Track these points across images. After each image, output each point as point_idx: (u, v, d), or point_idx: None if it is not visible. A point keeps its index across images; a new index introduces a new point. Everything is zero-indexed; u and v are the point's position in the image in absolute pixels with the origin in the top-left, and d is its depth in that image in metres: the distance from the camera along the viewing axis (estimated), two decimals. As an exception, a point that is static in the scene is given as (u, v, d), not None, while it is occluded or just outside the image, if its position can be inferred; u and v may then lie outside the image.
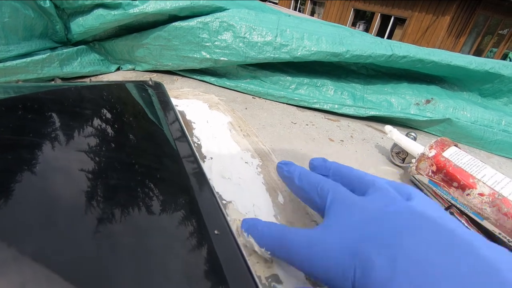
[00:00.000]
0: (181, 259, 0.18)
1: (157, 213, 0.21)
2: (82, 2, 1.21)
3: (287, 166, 0.24)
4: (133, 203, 0.22)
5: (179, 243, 0.19)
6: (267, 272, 0.25)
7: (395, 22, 6.26)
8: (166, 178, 0.27)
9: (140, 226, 0.20)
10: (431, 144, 0.85)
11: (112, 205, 0.20)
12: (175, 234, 0.20)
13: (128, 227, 0.19)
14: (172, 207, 0.23)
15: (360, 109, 1.35)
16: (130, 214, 0.20)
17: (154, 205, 0.22)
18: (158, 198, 0.23)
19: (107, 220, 0.19)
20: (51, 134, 0.25)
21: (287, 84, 1.44)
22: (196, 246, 0.20)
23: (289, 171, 0.23)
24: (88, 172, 0.22)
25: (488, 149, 1.28)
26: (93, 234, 0.17)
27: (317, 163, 0.24)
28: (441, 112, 1.31)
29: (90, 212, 0.19)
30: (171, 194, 0.25)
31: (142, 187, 0.24)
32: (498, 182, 0.73)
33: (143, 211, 0.21)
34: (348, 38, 1.33)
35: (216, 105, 0.82)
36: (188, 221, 0.22)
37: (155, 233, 0.19)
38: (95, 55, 1.37)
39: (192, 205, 0.23)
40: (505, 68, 1.35)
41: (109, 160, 0.25)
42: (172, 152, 0.31)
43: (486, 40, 6.14)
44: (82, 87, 0.47)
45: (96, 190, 0.21)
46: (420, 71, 1.41)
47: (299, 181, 0.22)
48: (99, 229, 0.18)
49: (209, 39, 1.33)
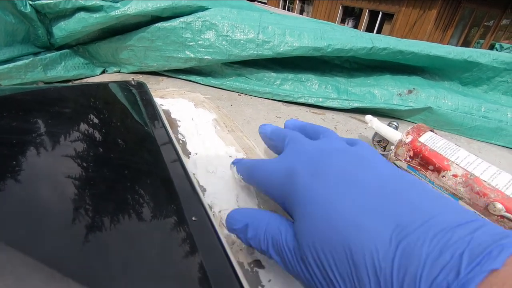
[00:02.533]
0: (158, 245, 0.19)
1: (135, 202, 0.22)
2: (63, 6, 1.22)
3: (264, 126, 0.29)
4: (110, 193, 0.22)
5: (156, 230, 0.20)
6: (250, 258, 0.26)
7: (383, 18, 6.33)
8: (144, 170, 0.28)
9: (118, 215, 0.20)
10: (408, 130, 0.88)
11: (90, 197, 0.21)
12: (152, 221, 0.21)
13: (105, 216, 0.20)
14: (150, 196, 0.23)
15: (344, 102, 1.37)
16: (108, 203, 0.21)
17: (132, 195, 0.23)
18: (136, 189, 0.24)
19: (88, 212, 0.20)
20: (29, 135, 0.26)
21: (272, 80, 1.46)
22: (174, 232, 0.20)
23: (265, 128, 0.28)
24: (68, 169, 0.23)
25: (469, 135, 1.31)
26: (72, 224, 0.18)
27: (289, 123, 0.29)
28: (423, 101, 1.34)
29: (70, 205, 0.19)
30: (149, 184, 0.25)
31: (121, 179, 0.25)
32: (471, 163, 0.76)
33: (122, 201, 0.22)
34: (329, 33, 1.35)
35: (202, 103, 0.84)
36: (166, 209, 0.23)
37: (133, 220, 0.20)
38: (79, 58, 1.37)
39: (170, 193, 0.24)
40: (483, 57, 1.39)
41: (90, 157, 0.26)
42: (152, 147, 0.32)
43: (472, 32, 6.23)
44: (62, 88, 0.48)
45: (76, 187, 0.21)
46: (401, 62, 1.43)
47: (270, 134, 0.27)
48: (79, 220, 0.18)
49: (192, 38, 1.35)
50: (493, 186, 0.70)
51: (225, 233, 0.29)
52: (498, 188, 0.70)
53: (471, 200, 0.74)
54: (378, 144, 1.05)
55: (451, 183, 0.77)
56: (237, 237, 0.22)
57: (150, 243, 0.19)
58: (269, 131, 0.28)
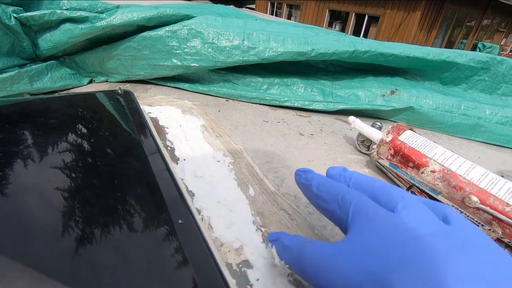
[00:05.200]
0: (142, 247, 0.19)
1: (121, 206, 0.23)
2: (48, 18, 1.23)
3: (305, 174, 0.22)
4: (97, 199, 0.23)
5: (142, 233, 0.20)
6: (238, 259, 0.27)
7: (369, 21, 6.46)
8: (133, 176, 0.29)
9: (107, 218, 0.21)
10: (388, 129, 0.91)
11: (78, 203, 0.21)
12: (138, 224, 0.21)
13: (92, 219, 0.20)
14: (138, 201, 0.24)
15: (329, 104, 1.41)
16: (94, 208, 0.22)
17: (120, 200, 0.24)
18: (125, 195, 0.25)
19: (76, 215, 0.20)
20: (16, 146, 0.26)
21: (258, 85, 1.49)
22: (161, 234, 0.21)
23: (307, 178, 0.21)
24: (55, 177, 0.24)
25: (449, 132, 1.35)
26: (62, 228, 0.18)
27: (335, 172, 0.21)
28: (405, 101, 1.38)
29: (56, 212, 0.20)
30: (137, 190, 0.26)
31: (107, 185, 0.25)
32: (447, 158, 0.79)
33: (108, 206, 0.22)
34: (313, 38, 1.39)
35: (189, 109, 0.86)
36: (153, 212, 0.23)
37: (118, 223, 0.21)
38: (66, 69, 1.38)
39: (157, 198, 0.25)
40: (460, 57, 1.44)
41: (77, 165, 0.26)
42: (140, 154, 0.33)
43: (456, 32, 6.41)
44: (48, 99, 0.48)
45: (63, 194, 0.22)
46: (383, 64, 1.48)
47: (317, 190, 0.20)
48: (70, 223, 0.19)
49: (178, 46, 1.37)
50: (468, 180, 0.74)
51: (213, 236, 0.30)
52: (473, 182, 0.73)
53: (449, 194, 0.77)
54: (362, 143, 1.08)
55: (430, 178, 0.80)
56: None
57: (135, 245, 0.19)
58: (315, 183, 0.20)
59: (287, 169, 0.93)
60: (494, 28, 6.72)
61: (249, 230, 0.33)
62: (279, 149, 1.04)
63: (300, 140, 1.14)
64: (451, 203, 0.77)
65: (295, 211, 0.40)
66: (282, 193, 0.71)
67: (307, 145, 1.10)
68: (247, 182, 0.47)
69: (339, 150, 1.10)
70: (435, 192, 0.81)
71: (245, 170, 0.50)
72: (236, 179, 0.44)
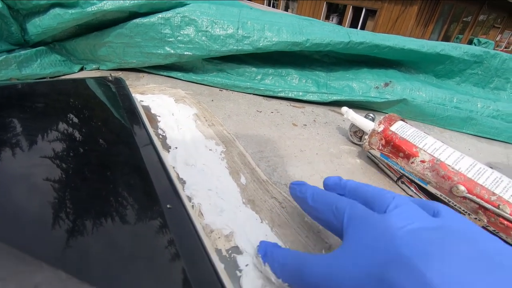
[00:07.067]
0: (133, 232, 0.19)
1: (113, 193, 0.23)
2: (36, 2, 1.19)
3: (299, 187, 0.23)
4: (88, 186, 0.23)
5: (132, 217, 0.21)
6: (228, 245, 0.27)
7: (366, 14, 6.43)
8: (122, 162, 0.29)
9: (96, 204, 0.21)
10: (380, 120, 0.91)
11: (67, 189, 0.21)
12: (129, 209, 0.21)
13: (84, 205, 0.20)
14: (126, 187, 0.24)
15: (323, 95, 1.40)
16: (86, 194, 0.22)
17: (109, 187, 0.23)
18: (113, 181, 0.25)
19: (66, 202, 0.20)
20: (1, 130, 0.25)
21: (253, 75, 1.47)
22: (149, 220, 0.21)
23: (302, 191, 0.22)
24: (44, 163, 0.23)
25: (441, 125, 1.37)
26: (51, 214, 0.18)
27: (332, 182, 0.22)
28: (398, 93, 1.39)
29: (46, 195, 0.20)
30: (126, 175, 0.26)
31: (96, 171, 0.25)
32: (437, 149, 0.80)
33: (99, 192, 0.22)
34: (308, 28, 1.38)
35: (182, 98, 0.84)
36: (142, 198, 0.23)
37: (111, 210, 0.21)
38: (56, 56, 1.35)
39: (146, 184, 0.25)
40: (454, 50, 1.45)
41: (66, 151, 0.26)
42: (130, 140, 0.32)
43: (452, 27, 6.42)
44: (37, 83, 0.47)
45: (53, 179, 0.22)
46: (378, 56, 1.48)
47: (312, 201, 0.21)
48: (59, 210, 0.19)
49: (171, 34, 1.34)
50: (457, 170, 0.75)
51: (203, 223, 0.30)
52: (461, 171, 0.74)
53: (438, 184, 0.78)
54: (355, 134, 1.09)
55: (419, 168, 0.81)
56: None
57: (123, 230, 0.19)
58: (310, 195, 0.21)
59: (280, 159, 0.93)
60: (490, 23, 6.74)
61: (240, 217, 0.33)
62: (272, 138, 1.04)
63: (293, 130, 1.14)
64: (440, 193, 0.79)
65: (285, 199, 0.40)
66: (273, 182, 0.71)
67: (300, 135, 1.10)
68: (238, 171, 0.47)
69: (332, 140, 1.11)
70: (425, 182, 0.82)
71: (237, 159, 0.50)
72: (227, 168, 0.44)
